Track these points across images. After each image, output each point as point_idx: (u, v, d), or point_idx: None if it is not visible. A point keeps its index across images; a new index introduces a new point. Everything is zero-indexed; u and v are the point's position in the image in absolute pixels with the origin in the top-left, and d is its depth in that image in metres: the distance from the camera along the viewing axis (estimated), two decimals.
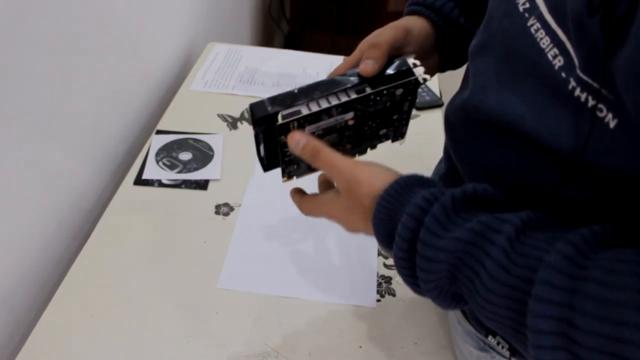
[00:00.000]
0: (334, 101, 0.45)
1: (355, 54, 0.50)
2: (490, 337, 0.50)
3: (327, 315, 0.67)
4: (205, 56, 1.15)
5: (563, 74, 0.35)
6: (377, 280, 0.71)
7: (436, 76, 1.15)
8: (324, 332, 0.65)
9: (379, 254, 0.75)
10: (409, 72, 0.48)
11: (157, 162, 0.86)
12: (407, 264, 0.39)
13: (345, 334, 0.65)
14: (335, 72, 0.49)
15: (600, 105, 0.33)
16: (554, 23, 0.36)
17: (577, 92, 0.34)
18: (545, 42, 0.36)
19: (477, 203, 0.38)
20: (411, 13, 0.54)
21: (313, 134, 0.47)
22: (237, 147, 0.91)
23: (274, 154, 0.48)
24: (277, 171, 0.51)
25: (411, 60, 0.48)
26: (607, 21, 0.29)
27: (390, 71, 0.47)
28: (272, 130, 0.45)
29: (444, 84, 1.18)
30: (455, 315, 0.59)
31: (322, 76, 0.81)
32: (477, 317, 0.52)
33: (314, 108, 0.45)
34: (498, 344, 0.50)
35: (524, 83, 0.38)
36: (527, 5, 0.38)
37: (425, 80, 0.48)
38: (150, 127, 1.01)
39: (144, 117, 0.99)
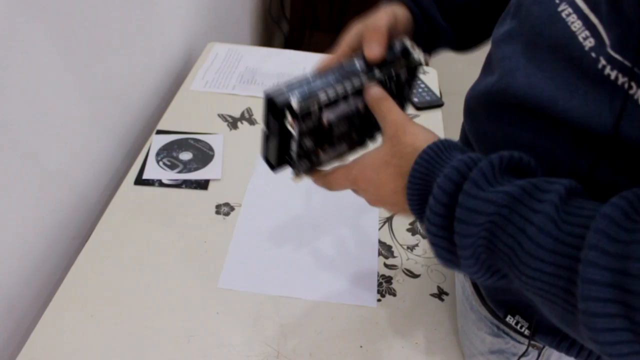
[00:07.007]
0: (349, 87, 0.45)
1: (346, 40, 0.50)
2: (509, 317, 0.50)
3: (328, 315, 0.67)
4: (205, 56, 1.15)
5: (593, 54, 0.35)
6: (378, 280, 0.71)
7: (436, 76, 1.15)
8: (325, 332, 0.65)
9: (379, 253, 0.75)
10: (409, 53, 0.48)
11: (158, 162, 0.86)
12: (443, 222, 0.37)
13: (345, 333, 0.65)
14: (327, 63, 0.49)
15: (632, 83, 0.33)
16: (587, 8, 0.36)
17: (607, 70, 0.35)
18: (576, 25, 0.37)
19: (520, 172, 0.38)
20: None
21: (328, 122, 0.46)
22: (238, 147, 0.91)
23: (285, 148, 0.47)
24: (280, 173, 0.50)
25: (408, 42, 0.48)
26: None
27: (392, 54, 0.47)
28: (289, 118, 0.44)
29: (444, 84, 1.18)
30: (468, 303, 0.59)
31: None
32: (496, 299, 0.52)
33: (332, 93, 0.44)
34: (517, 323, 0.50)
35: (554, 65, 0.39)
36: None
37: (425, 61, 0.48)
38: (150, 127, 1.01)
39: (144, 117, 0.99)
